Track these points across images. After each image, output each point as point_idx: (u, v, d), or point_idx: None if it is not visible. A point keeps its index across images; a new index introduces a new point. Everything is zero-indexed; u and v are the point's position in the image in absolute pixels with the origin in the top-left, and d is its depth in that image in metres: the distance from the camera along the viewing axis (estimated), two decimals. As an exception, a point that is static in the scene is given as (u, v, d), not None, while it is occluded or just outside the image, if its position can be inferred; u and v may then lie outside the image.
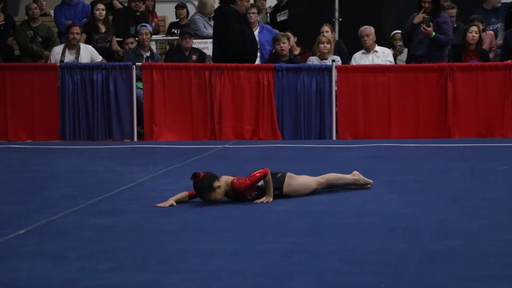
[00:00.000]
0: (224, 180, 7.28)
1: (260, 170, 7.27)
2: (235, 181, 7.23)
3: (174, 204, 7.19)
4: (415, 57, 12.45)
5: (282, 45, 12.88)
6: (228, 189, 7.26)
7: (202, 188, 7.16)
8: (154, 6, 15.81)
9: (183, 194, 7.38)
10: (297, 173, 7.64)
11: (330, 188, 7.70)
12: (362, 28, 13.13)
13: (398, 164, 9.69)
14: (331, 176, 7.73)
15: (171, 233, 6.07)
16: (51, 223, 6.50)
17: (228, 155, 10.94)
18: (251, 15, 13.85)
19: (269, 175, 7.26)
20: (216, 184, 7.17)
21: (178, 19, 15.58)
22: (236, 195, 7.28)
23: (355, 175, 7.82)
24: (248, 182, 7.21)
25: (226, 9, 12.58)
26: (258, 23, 14.05)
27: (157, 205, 7.15)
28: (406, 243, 5.64)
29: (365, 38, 13.05)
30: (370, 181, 7.86)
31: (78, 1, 15.44)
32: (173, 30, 15.27)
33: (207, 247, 5.58)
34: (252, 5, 14.37)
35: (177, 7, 15.65)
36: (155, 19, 15.81)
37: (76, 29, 13.07)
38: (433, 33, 12.17)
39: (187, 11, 15.67)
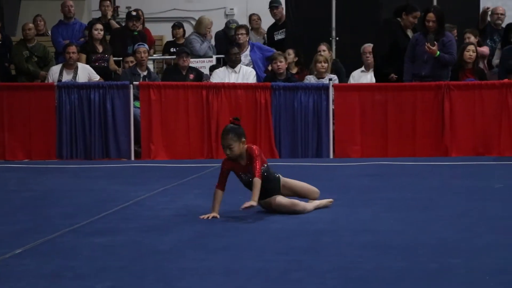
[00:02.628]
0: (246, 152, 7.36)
1: (258, 171, 7.29)
2: (253, 147, 7.37)
3: (217, 216, 7.30)
4: (420, 76, 12.41)
5: (279, 63, 12.91)
6: (243, 155, 7.35)
7: (237, 130, 7.31)
8: (143, 22, 15.83)
9: (216, 193, 7.48)
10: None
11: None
12: (366, 45, 13.16)
13: (395, 182, 9.69)
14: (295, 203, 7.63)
15: (168, 251, 6.06)
16: (48, 242, 6.48)
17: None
18: (240, 36, 13.90)
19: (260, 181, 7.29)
20: (244, 140, 7.32)
21: (174, 38, 15.62)
22: (245, 168, 7.40)
23: (314, 203, 7.70)
24: (258, 164, 7.28)
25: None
26: (248, 42, 14.10)
27: (200, 217, 7.29)
28: (403, 261, 5.64)
29: (367, 55, 13.08)
30: (330, 200, 7.83)
31: (75, 21, 15.50)
32: (171, 49, 15.31)
33: (204, 265, 5.57)
34: (240, 26, 14.40)
35: (173, 27, 15.69)
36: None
37: (73, 49, 13.10)
38: (438, 52, 12.17)
39: (184, 31, 15.70)
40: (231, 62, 13.32)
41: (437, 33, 12.26)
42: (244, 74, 13.26)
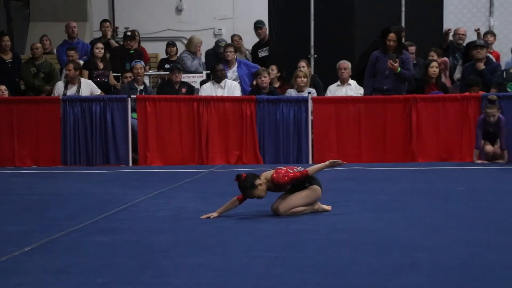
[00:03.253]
0: (264, 176, 7.37)
1: (302, 171, 7.34)
2: (274, 175, 7.33)
3: (215, 215, 7.31)
4: (382, 90, 12.48)
5: (263, 78, 12.93)
6: (269, 184, 7.34)
7: (246, 187, 7.27)
8: (139, 42, 15.82)
9: (232, 200, 7.43)
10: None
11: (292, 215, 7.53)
12: (341, 62, 13.18)
13: (368, 185, 9.70)
14: (296, 209, 7.51)
15: (163, 249, 6.04)
16: (54, 241, 6.45)
17: (214, 178, 10.92)
18: (228, 53, 13.91)
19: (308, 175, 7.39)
20: (258, 182, 7.28)
21: (168, 56, 15.60)
22: (275, 187, 7.37)
23: (314, 205, 7.61)
24: (287, 180, 7.29)
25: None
26: (236, 60, 14.10)
27: (202, 217, 7.30)
28: (376, 257, 5.64)
29: (343, 71, 13.10)
30: (328, 207, 7.71)
31: (79, 41, 15.46)
32: (165, 65, 15.29)
33: (196, 262, 5.56)
34: (229, 44, 14.41)
35: (168, 45, 15.68)
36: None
37: (70, 67, 13.11)
38: (399, 68, 12.24)
39: (177, 49, 15.69)
40: (217, 78, 13.31)
41: (396, 51, 12.31)
42: (229, 88, 13.25)
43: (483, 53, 12.85)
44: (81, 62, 14.11)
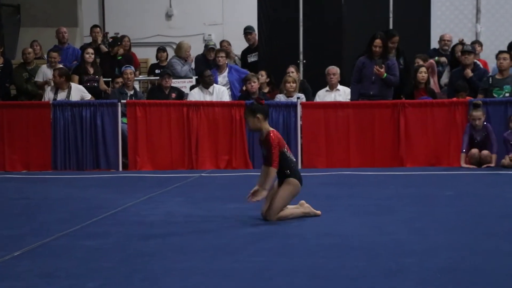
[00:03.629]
0: (267, 126, 7.37)
1: (275, 164, 7.26)
2: (272, 135, 7.29)
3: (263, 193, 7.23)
4: (368, 95, 12.51)
5: (252, 84, 12.94)
6: (263, 132, 7.37)
7: (251, 106, 7.40)
8: (130, 47, 15.83)
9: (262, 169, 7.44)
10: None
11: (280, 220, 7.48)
12: (330, 67, 13.20)
13: (357, 190, 9.70)
14: (284, 213, 7.49)
15: (152, 253, 6.03)
16: (44, 245, 6.43)
17: (204, 183, 10.91)
18: (220, 58, 13.93)
19: (275, 173, 7.30)
20: (259, 116, 7.31)
21: (158, 61, 15.61)
22: (263, 141, 7.41)
23: (305, 208, 7.58)
24: (273, 150, 7.25)
25: None
26: (227, 65, 14.11)
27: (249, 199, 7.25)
28: (364, 261, 5.64)
29: (331, 76, 13.12)
30: (318, 212, 7.64)
31: (69, 46, 15.45)
32: (156, 71, 15.29)
33: (185, 266, 5.55)
34: (220, 50, 14.43)
35: (158, 50, 15.70)
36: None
37: (54, 73, 13.13)
38: (385, 74, 12.27)
39: (167, 54, 15.70)
40: (205, 83, 13.30)
41: (382, 57, 12.35)
42: (218, 93, 13.25)
43: (471, 59, 12.89)
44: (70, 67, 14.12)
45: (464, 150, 11.73)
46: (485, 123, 11.76)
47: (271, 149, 7.28)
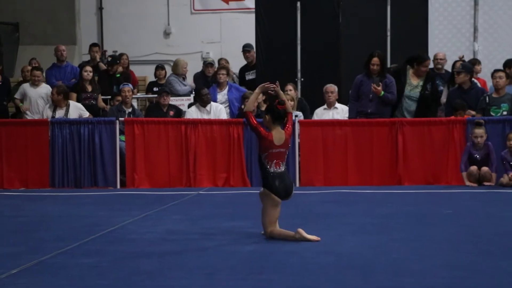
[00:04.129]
0: (273, 128, 7.60)
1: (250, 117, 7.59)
2: (266, 132, 7.58)
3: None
4: (366, 113, 12.50)
5: (251, 101, 12.90)
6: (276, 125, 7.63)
7: (268, 105, 8.10)
8: (128, 65, 15.85)
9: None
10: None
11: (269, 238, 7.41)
12: (328, 85, 13.19)
13: (354, 208, 9.68)
14: (276, 231, 7.39)
15: (149, 271, 6.00)
16: (41, 263, 6.41)
17: (202, 201, 10.89)
18: (221, 76, 13.94)
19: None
20: (267, 116, 7.64)
21: (157, 79, 15.62)
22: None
23: (298, 233, 7.27)
24: (260, 130, 7.55)
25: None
26: (227, 83, 14.12)
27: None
28: (362, 279, 5.62)
29: (329, 94, 13.11)
30: (315, 238, 7.27)
31: (67, 64, 15.46)
32: (154, 88, 15.30)
33: (182, 284, 5.52)
34: (221, 67, 14.45)
35: (157, 68, 15.73)
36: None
37: (53, 91, 13.12)
38: (382, 92, 12.27)
39: (165, 72, 15.73)
40: (202, 102, 13.26)
41: (380, 75, 12.36)
42: (215, 111, 13.21)
43: (460, 78, 12.81)
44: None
45: (463, 170, 11.71)
46: (486, 141, 11.74)
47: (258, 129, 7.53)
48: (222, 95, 13.92)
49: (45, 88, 13.67)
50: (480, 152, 11.72)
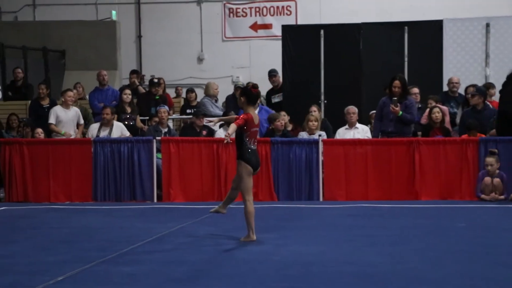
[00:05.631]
0: (248, 110, 8.08)
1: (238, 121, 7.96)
2: (242, 116, 8.04)
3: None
4: (387, 132, 12.48)
5: (281, 122, 12.96)
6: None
7: (243, 88, 8.43)
8: (164, 88, 15.93)
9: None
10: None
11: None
12: (349, 107, 13.18)
13: (374, 221, 9.66)
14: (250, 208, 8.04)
15: (184, 279, 6.04)
16: (84, 271, 6.46)
17: (232, 214, 10.86)
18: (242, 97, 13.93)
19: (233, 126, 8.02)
20: (242, 98, 8.11)
21: (187, 101, 15.61)
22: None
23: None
24: (239, 122, 8.00)
25: None
26: (258, 105, 14.14)
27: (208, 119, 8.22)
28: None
29: (351, 115, 13.09)
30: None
31: (109, 87, 15.59)
32: (187, 110, 15.37)
33: (214, 291, 5.55)
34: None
35: (187, 91, 15.74)
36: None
37: (107, 111, 13.18)
38: (400, 112, 12.23)
39: (196, 94, 15.72)
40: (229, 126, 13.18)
41: (401, 97, 12.33)
42: (243, 132, 13.15)
43: (474, 100, 12.80)
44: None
45: (480, 196, 11.61)
46: (498, 171, 11.63)
47: (237, 119, 8.02)
48: (254, 116, 13.91)
49: (74, 110, 13.52)
50: (494, 179, 11.62)
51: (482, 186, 11.62)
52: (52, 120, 13.32)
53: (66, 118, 13.37)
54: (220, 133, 13.24)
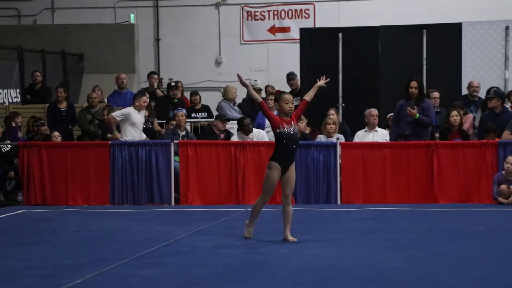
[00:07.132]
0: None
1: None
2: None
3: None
4: (404, 135, 12.43)
5: (300, 124, 12.94)
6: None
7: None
8: (182, 91, 15.89)
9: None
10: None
11: None
12: (371, 109, 13.12)
13: (392, 225, 9.62)
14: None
15: (202, 282, 6.04)
16: (103, 274, 6.48)
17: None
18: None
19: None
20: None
21: (192, 104, 15.42)
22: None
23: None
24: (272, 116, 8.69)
25: None
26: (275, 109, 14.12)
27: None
28: (400, 291, 5.59)
29: (374, 118, 13.03)
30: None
31: (127, 91, 15.64)
32: (192, 114, 15.27)
33: (232, 294, 5.54)
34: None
35: (191, 94, 15.54)
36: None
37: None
38: (417, 114, 12.17)
39: (200, 97, 15.47)
40: (244, 131, 13.17)
41: (418, 99, 12.27)
42: (257, 137, 13.08)
43: (492, 103, 12.74)
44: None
45: (497, 199, 11.54)
46: None
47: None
48: (272, 119, 13.88)
49: (143, 114, 13.28)
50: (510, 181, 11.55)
51: (498, 193, 11.55)
52: (117, 114, 12.91)
53: (140, 121, 13.10)
54: (236, 137, 13.22)
